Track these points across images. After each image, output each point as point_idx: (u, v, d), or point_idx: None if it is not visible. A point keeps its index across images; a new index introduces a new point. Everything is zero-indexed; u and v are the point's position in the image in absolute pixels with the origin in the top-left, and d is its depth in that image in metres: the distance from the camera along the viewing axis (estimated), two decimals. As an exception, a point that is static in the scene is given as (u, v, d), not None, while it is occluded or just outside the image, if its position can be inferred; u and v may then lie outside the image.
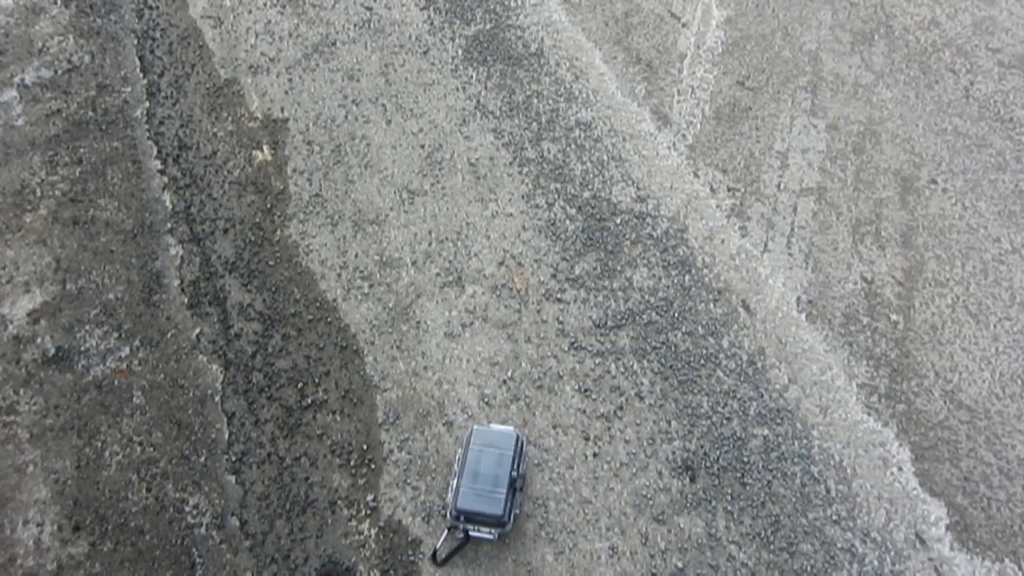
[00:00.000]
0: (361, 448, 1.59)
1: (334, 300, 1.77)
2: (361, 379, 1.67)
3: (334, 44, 2.21)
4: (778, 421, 1.84)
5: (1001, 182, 2.09)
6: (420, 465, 1.56)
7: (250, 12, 2.28)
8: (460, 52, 2.21)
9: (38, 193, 1.92)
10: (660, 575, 1.61)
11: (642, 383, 1.80)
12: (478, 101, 2.10)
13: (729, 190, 2.19)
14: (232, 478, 1.54)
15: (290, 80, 2.11)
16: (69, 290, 1.78)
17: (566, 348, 1.71)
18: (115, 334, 1.73)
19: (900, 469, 1.72)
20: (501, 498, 1.94)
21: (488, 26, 2.27)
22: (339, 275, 1.80)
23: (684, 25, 2.36)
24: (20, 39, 2.24)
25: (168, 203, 1.92)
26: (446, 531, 1.81)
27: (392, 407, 1.64)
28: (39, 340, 1.70)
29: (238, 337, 1.70)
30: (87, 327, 1.73)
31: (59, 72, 2.12)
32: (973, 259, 1.93)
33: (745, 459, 1.82)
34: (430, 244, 1.86)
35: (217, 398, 1.62)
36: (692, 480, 1.79)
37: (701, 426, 1.81)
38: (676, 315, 1.87)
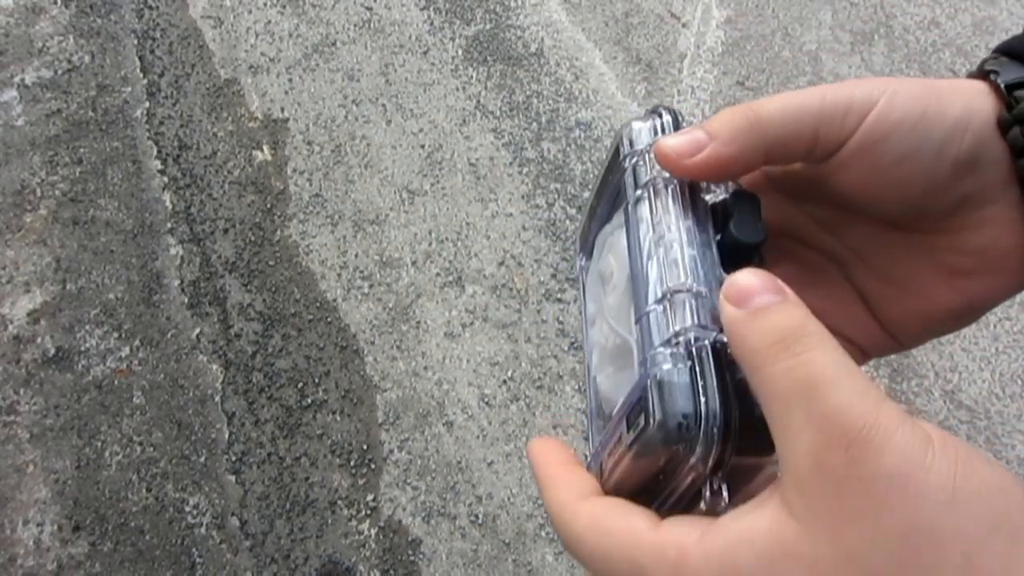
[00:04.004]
0: (361, 448, 1.60)
1: (334, 300, 1.77)
2: (361, 379, 1.68)
3: (334, 44, 2.22)
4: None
5: (1001, 182, 2.09)
6: (420, 465, 1.57)
7: (250, 12, 2.28)
8: (460, 52, 2.21)
9: (38, 193, 1.92)
10: None
11: (642, 383, 1.81)
12: (478, 101, 2.10)
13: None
14: (232, 478, 1.54)
15: (290, 80, 2.12)
16: (69, 290, 1.78)
17: (566, 348, 1.72)
18: (115, 334, 1.73)
19: (900, 469, 1.73)
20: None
21: (488, 26, 2.28)
22: (339, 275, 1.81)
23: (684, 25, 2.36)
24: (20, 39, 2.24)
25: (168, 203, 1.92)
26: None
27: (392, 407, 1.64)
28: (39, 340, 1.71)
29: (238, 337, 1.70)
30: (87, 327, 1.73)
31: (59, 72, 2.12)
32: (973, 259, 1.93)
33: (745, 459, 1.83)
34: (430, 244, 1.87)
35: (217, 398, 1.62)
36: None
37: (701, 426, 1.82)
38: (676, 315, 1.89)
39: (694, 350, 0.26)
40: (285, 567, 1.58)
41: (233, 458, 1.70)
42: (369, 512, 1.65)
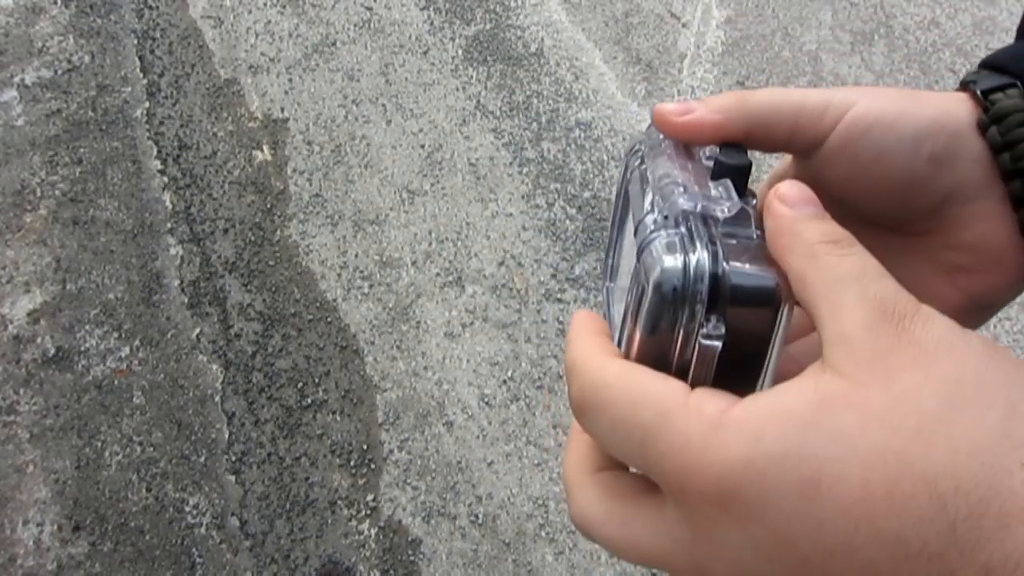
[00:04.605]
0: (361, 448, 1.60)
1: (334, 300, 1.77)
2: (361, 379, 1.68)
3: (334, 44, 2.22)
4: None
5: (1001, 182, 2.09)
6: (420, 465, 1.57)
7: (250, 12, 2.28)
8: (460, 52, 2.21)
9: (38, 193, 1.92)
10: (660, 574, 1.62)
11: (642, 383, 1.82)
12: (478, 101, 2.10)
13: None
14: (232, 478, 1.54)
15: (290, 80, 2.12)
16: (69, 290, 1.78)
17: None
18: (115, 334, 1.73)
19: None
20: None
21: (488, 26, 2.28)
22: (339, 275, 1.81)
23: (684, 25, 2.36)
24: (20, 39, 2.24)
25: (168, 203, 1.92)
26: None
27: (392, 407, 1.64)
28: (39, 340, 1.71)
29: (238, 337, 1.71)
30: (87, 327, 1.74)
31: (59, 72, 2.12)
32: (973, 259, 1.93)
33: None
34: (430, 244, 1.87)
35: (217, 398, 1.63)
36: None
37: (701, 426, 1.82)
38: (676, 315, 1.88)
39: (681, 218, 0.27)
40: (285, 567, 1.58)
41: (233, 458, 1.71)
42: (369, 512, 1.66)
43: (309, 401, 1.78)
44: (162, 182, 2.09)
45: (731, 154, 0.31)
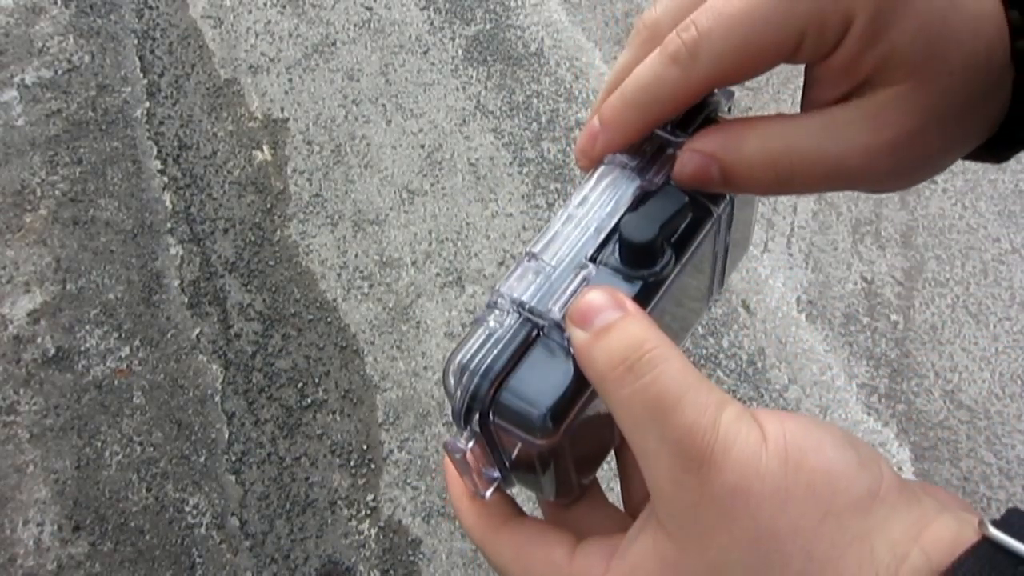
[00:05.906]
0: (361, 448, 1.60)
1: (334, 300, 1.78)
2: (361, 379, 1.68)
3: (334, 44, 2.22)
4: (778, 421, 1.84)
5: (1001, 182, 2.09)
6: (420, 465, 1.57)
7: (250, 12, 2.28)
8: (460, 52, 2.21)
9: (38, 193, 1.93)
10: None
11: (642, 383, 1.81)
12: (478, 101, 2.10)
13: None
14: (232, 478, 1.54)
15: (290, 80, 2.12)
16: (69, 290, 1.78)
17: (566, 348, 1.72)
18: (115, 334, 1.73)
19: (900, 469, 1.73)
20: None
21: (488, 26, 2.28)
22: (339, 275, 1.81)
23: (684, 25, 2.37)
24: (20, 39, 2.24)
25: (168, 203, 1.92)
26: None
27: (392, 407, 1.64)
28: (39, 340, 1.71)
29: (238, 337, 1.71)
30: (87, 327, 1.74)
31: (59, 72, 2.12)
32: (973, 259, 1.93)
33: (745, 459, 1.83)
34: (430, 244, 1.87)
35: (217, 398, 1.63)
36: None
37: (701, 426, 1.82)
38: (676, 315, 1.88)
39: (511, 308, 0.26)
40: (285, 567, 1.58)
41: (233, 458, 1.71)
42: (369, 512, 1.66)
43: (309, 401, 1.78)
44: (162, 182, 2.09)
45: (637, 218, 0.27)
